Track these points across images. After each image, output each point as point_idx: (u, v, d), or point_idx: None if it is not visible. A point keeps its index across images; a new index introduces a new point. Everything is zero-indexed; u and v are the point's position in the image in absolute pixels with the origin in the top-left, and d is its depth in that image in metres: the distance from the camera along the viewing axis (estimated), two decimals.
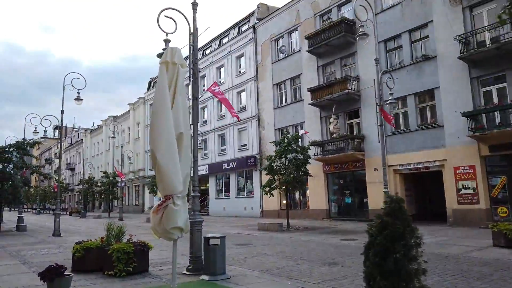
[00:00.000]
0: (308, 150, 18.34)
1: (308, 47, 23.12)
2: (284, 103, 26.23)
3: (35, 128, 23.99)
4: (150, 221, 4.77)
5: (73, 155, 70.79)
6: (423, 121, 18.42)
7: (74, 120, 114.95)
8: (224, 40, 33.31)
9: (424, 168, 18.04)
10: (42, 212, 58.70)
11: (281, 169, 17.79)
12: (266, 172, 18.30)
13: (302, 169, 17.60)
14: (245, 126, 29.52)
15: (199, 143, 26.76)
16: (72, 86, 18.88)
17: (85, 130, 65.66)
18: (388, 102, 12.67)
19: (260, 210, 27.23)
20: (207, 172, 32.91)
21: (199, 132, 31.41)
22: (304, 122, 24.22)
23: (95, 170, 50.41)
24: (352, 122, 21.65)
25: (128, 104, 49.03)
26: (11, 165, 22.07)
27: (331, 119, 21.41)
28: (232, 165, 29.89)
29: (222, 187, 31.92)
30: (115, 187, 38.61)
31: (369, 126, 20.23)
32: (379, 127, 12.56)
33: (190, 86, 9.04)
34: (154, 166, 4.56)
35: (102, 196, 38.97)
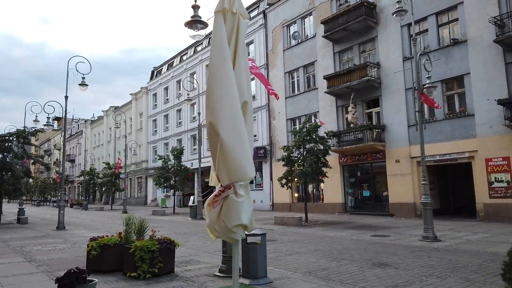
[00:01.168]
0: (328, 140, 17.28)
1: (324, 32, 21.96)
2: (296, 92, 25.11)
3: (36, 116, 22.92)
4: (205, 216, 3.70)
5: (73, 147, 69.59)
6: (450, 109, 17.35)
7: (73, 111, 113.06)
8: None
9: (451, 159, 17.01)
10: (41, 204, 57.66)
11: (299, 160, 16.72)
12: (283, 163, 17.23)
13: (322, 160, 16.54)
14: (254, 116, 28.37)
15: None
16: (77, 70, 17.74)
17: (85, 121, 64.38)
18: (427, 85, 11.55)
19: (271, 204, 26.24)
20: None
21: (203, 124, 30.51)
22: (318, 111, 23.13)
23: (95, 162, 49.28)
24: (371, 111, 20.57)
25: (130, 94, 47.80)
26: (11, 155, 20.99)
27: (349, 108, 20.32)
28: None
29: None
30: (118, 178, 37.55)
31: (390, 115, 19.16)
32: (417, 113, 11.47)
33: None
34: (213, 146, 3.49)
35: (104, 188, 37.85)
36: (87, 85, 18.24)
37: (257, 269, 6.25)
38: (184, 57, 39.06)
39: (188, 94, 23.08)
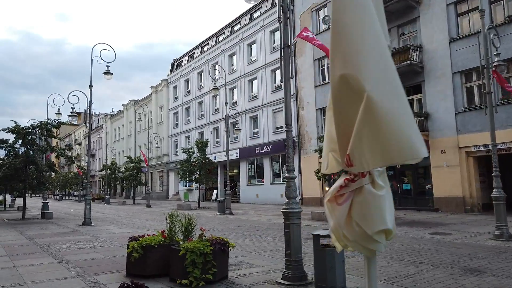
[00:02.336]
0: None
1: None
2: (327, 80, 23.77)
3: (59, 109, 22.25)
4: (328, 217, 2.57)
5: (94, 141, 69.73)
6: (506, 94, 15.81)
7: (93, 106, 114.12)
8: (256, 15, 30.80)
9: (506, 149, 15.51)
10: (63, 198, 57.94)
11: None
12: (320, 155, 15.99)
13: None
14: (281, 107, 27.17)
15: (237, 124, 24.58)
16: (101, 58, 16.92)
17: (105, 116, 64.35)
18: (497, 63, 10.15)
19: (299, 198, 25.07)
20: (238, 156, 30.87)
21: (233, 114, 29.22)
22: None
23: (116, 156, 48.95)
24: (412, 99, 19.13)
25: (150, 87, 47.14)
26: (35, 148, 20.38)
27: None
28: (266, 149, 27.74)
29: (254, 173, 29.85)
30: (140, 172, 36.99)
31: (435, 102, 17.71)
32: (487, 94, 10.09)
33: (279, 31, 6.79)
34: (342, 113, 2.34)
35: (127, 182, 37.35)
36: (112, 73, 17.41)
37: (335, 278, 5.15)
38: (205, 48, 38.04)
39: (214, 83, 21.98)
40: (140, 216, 20.34)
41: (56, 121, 20.61)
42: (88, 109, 16.68)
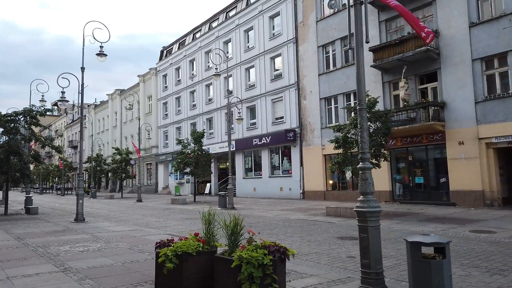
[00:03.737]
0: (391, 117, 14.94)
1: None
2: (332, 68, 22.63)
3: (42, 96, 20.54)
4: None
5: (75, 133, 67.06)
6: None
7: (74, 97, 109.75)
8: None
9: None
10: (44, 191, 55.44)
11: (354, 142, 14.34)
12: (336, 145, 14.87)
13: (382, 141, 14.24)
14: (281, 96, 25.97)
15: (239, 113, 23.18)
16: (94, 38, 15.28)
17: (88, 106, 61.75)
18: None
19: (301, 191, 24.01)
20: (234, 148, 29.47)
21: (224, 105, 27.81)
22: None
23: (101, 147, 46.81)
24: (426, 87, 18.17)
25: (138, 76, 45.12)
26: (18, 137, 18.60)
27: (401, 84, 17.92)
28: (265, 141, 26.49)
29: (251, 166, 28.60)
30: (128, 165, 35.24)
31: (452, 91, 16.77)
32: None
33: None
34: None
35: (114, 175, 35.54)
36: (106, 55, 15.78)
37: None
38: (198, 35, 36.35)
39: (216, 68, 20.55)
40: (135, 212, 18.87)
41: (42, 108, 18.88)
42: (80, 93, 15.08)
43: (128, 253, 7.83)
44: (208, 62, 34.23)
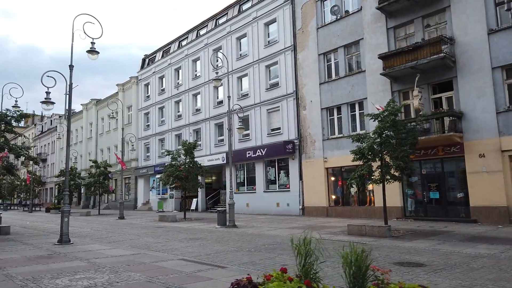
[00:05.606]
0: (419, 126, 13.81)
1: (378, 4, 18.58)
2: (334, 77, 21.55)
3: (16, 101, 18.18)
4: None
5: (45, 145, 63.16)
6: None
7: (41, 108, 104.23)
8: (246, 6, 28.17)
9: None
10: (9, 207, 51.21)
11: (381, 152, 13.07)
12: (357, 156, 13.52)
13: (409, 150, 13.05)
14: (278, 106, 24.63)
15: (240, 122, 21.58)
16: (85, 33, 13.45)
17: (60, 117, 58.27)
18: None
19: (300, 207, 22.50)
20: (224, 161, 27.82)
21: (219, 114, 26.27)
22: (366, 98, 19.66)
23: (76, 160, 43.68)
24: (440, 96, 17.30)
25: (117, 84, 42.75)
26: None
27: (414, 93, 16.93)
28: (260, 153, 24.96)
29: (244, 180, 26.90)
30: (107, 179, 32.68)
31: (470, 100, 15.94)
32: None
33: None
34: None
35: (90, 190, 32.83)
36: (98, 52, 13.95)
37: None
38: (184, 43, 34.74)
39: (216, 73, 19.01)
40: (123, 231, 16.74)
41: (17, 113, 16.63)
42: (68, 94, 13.09)
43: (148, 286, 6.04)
44: (196, 71, 32.64)
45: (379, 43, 19.20)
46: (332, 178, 21.59)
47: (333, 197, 21.42)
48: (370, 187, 18.96)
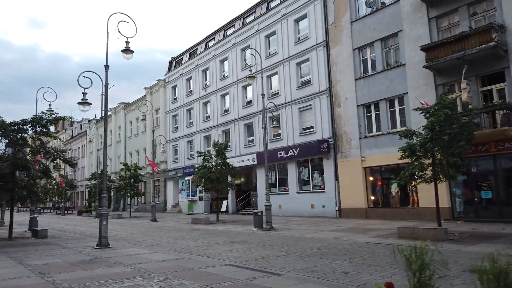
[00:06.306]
0: (476, 117, 12.84)
1: None
2: (370, 72, 20.63)
3: (50, 105, 18.20)
4: None
5: (75, 149, 64.49)
6: None
7: (71, 113, 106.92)
8: (275, 3, 27.57)
9: None
10: (42, 211, 52.40)
11: (433, 149, 12.13)
12: (406, 154, 12.62)
13: (467, 146, 12.07)
14: (310, 105, 23.87)
15: (275, 121, 20.91)
16: (119, 31, 13.18)
17: (89, 121, 59.39)
18: None
19: (337, 209, 21.65)
20: (255, 162, 27.29)
21: (248, 114, 25.68)
22: (406, 93, 18.66)
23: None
24: (490, 89, 16.16)
25: (144, 88, 43.02)
26: (25, 148, 16.25)
27: (463, 85, 15.85)
28: (292, 153, 24.26)
29: (275, 180, 26.24)
30: (138, 181, 32.74)
31: None
32: None
33: None
34: None
35: (121, 193, 32.97)
36: (133, 51, 13.66)
37: None
38: (211, 43, 34.47)
39: (250, 70, 18.48)
40: (158, 234, 16.40)
41: (52, 116, 16.57)
42: (104, 94, 12.85)
43: None
44: (224, 71, 32.28)
45: (420, 35, 18.19)
46: (371, 178, 20.65)
47: (372, 197, 20.47)
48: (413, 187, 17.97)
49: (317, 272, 7.27)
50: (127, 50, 13.47)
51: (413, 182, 12.68)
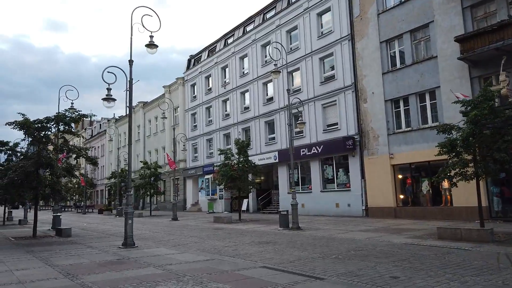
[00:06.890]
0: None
1: None
2: (399, 65, 19.81)
3: (72, 103, 18.05)
4: None
5: (95, 148, 65.09)
6: None
7: (91, 111, 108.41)
8: None
9: None
10: (63, 209, 53.04)
11: (475, 144, 11.34)
12: (445, 150, 11.85)
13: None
14: (334, 100, 23.17)
15: (300, 118, 20.37)
16: (143, 26, 12.84)
17: (108, 120, 59.83)
18: None
19: (363, 208, 20.91)
20: (276, 160, 26.74)
21: (269, 111, 25.15)
22: (439, 87, 17.80)
23: (123, 163, 44.34)
24: None
25: (163, 86, 42.93)
26: (49, 146, 16.12)
27: (502, 77, 14.94)
28: (315, 150, 23.60)
29: (298, 179, 25.61)
30: (158, 180, 32.60)
31: None
32: None
33: None
34: None
35: (141, 191, 32.88)
36: (157, 46, 13.28)
37: None
38: (230, 40, 34.03)
39: (275, 64, 17.95)
40: (183, 233, 16.03)
41: (76, 114, 16.38)
42: (128, 90, 12.53)
43: None
44: (243, 68, 31.80)
45: (453, 25, 17.30)
46: (399, 176, 19.84)
47: (401, 196, 19.66)
48: (445, 185, 17.09)
49: (363, 276, 6.69)
50: (151, 45, 13.11)
51: (453, 180, 11.84)
